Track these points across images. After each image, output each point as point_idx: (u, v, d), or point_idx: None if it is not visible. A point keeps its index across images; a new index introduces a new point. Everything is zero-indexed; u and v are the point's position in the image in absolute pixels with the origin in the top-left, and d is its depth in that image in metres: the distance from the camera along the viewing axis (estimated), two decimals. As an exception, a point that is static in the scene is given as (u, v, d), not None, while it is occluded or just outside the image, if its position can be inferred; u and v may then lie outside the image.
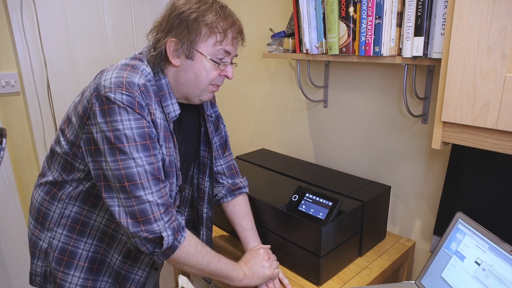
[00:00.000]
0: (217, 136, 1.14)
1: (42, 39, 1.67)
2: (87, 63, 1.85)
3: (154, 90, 0.87)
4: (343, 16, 1.13)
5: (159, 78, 0.89)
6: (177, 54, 0.87)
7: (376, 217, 1.22)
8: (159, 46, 0.86)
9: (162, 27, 0.87)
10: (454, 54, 0.80)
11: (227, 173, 1.16)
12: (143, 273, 0.97)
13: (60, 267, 0.92)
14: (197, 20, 0.84)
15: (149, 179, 0.80)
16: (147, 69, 0.88)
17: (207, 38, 0.86)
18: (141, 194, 0.79)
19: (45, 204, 0.93)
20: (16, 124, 1.68)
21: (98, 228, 0.92)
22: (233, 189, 1.15)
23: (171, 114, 0.90)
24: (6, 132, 0.73)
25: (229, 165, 1.17)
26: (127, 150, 0.78)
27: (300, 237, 1.07)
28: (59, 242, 0.92)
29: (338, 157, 1.52)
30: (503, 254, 0.83)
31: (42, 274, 0.97)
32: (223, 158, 1.16)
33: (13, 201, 1.71)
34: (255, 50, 1.76)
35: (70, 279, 0.93)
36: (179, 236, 0.84)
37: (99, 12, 1.84)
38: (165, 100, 0.89)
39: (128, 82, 0.80)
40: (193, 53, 0.86)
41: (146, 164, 0.80)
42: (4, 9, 1.57)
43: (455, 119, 0.83)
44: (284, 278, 1.08)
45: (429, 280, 0.97)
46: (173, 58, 0.87)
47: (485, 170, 1.02)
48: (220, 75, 0.92)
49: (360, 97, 1.39)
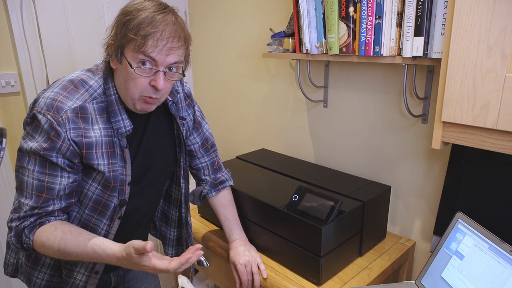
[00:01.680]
0: (198, 136, 1.14)
1: (42, 39, 1.67)
2: (87, 63, 1.85)
3: (101, 108, 0.88)
4: (343, 16, 1.13)
5: (109, 93, 0.88)
6: (112, 57, 0.85)
7: (376, 217, 1.22)
8: (106, 51, 0.87)
9: (111, 28, 0.86)
10: (454, 54, 0.80)
11: (210, 169, 1.18)
12: (82, 277, 0.97)
13: (28, 262, 0.99)
14: (127, 22, 0.81)
15: (32, 193, 0.85)
16: (95, 84, 0.88)
17: (129, 42, 0.81)
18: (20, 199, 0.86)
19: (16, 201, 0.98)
20: (16, 124, 1.68)
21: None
22: (215, 184, 1.18)
23: (121, 130, 0.89)
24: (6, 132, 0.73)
25: (213, 161, 1.19)
26: (25, 161, 0.84)
27: (300, 237, 1.07)
28: None
29: (338, 157, 1.52)
30: (503, 254, 0.83)
31: (14, 265, 1.03)
32: (206, 155, 1.17)
33: (13, 200, 1.71)
34: (255, 50, 1.76)
35: (37, 274, 0.99)
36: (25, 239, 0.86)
37: (99, 12, 1.84)
38: (114, 116, 0.88)
39: (58, 107, 0.82)
40: (121, 57, 0.83)
41: (35, 179, 0.84)
42: (4, 9, 1.57)
43: (455, 119, 0.83)
44: (261, 263, 1.13)
45: (429, 280, 0.97)
46: (111, 61, 0.86)
47: (485, 170, 1.02)
48: (150, 84, 0.84)
49: (360, 97, 1.39)
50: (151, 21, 0.80)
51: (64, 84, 0.86)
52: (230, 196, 1.21)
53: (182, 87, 1.08)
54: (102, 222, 0.94)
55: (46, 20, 1.68)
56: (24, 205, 0.85)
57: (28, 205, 0.85)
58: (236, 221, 1.19)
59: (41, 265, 0.98)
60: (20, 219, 0.86)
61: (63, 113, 0.82)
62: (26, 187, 0.85)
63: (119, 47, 0.83)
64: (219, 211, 1.19)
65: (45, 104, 0.83)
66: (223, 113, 2.05)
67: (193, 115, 1.11)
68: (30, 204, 0.85)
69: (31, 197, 0.85)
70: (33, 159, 0.84)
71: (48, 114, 0.82)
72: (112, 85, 0.89)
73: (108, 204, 0.93)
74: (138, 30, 0.79)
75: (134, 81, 0.84)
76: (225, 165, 1.49)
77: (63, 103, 0.83)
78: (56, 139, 0.82)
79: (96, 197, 0.92)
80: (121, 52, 0.83)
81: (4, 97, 1.63)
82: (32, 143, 0.83)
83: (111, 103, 0.88)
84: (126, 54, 0.82)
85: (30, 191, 0.85)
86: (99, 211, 0.93)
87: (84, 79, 0.88)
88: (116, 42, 0.83)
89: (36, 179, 0.85)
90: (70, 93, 0.85)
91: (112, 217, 0.95)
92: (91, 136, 0.86)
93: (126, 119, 0.90)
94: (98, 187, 0.91)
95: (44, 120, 0.82)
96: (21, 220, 0.86)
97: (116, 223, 0.96)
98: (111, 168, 0.89)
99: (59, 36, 1.73)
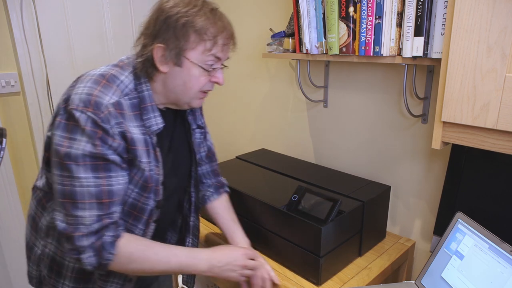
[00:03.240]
0: (205, 147, 1.13)
1: (42, 39, 1.67)
2: (87, 63, 1.85)
3: (134, 104, 0.83)
4: (343, 16, 1.13)
5: (141, 89, 0.85)
6: (165, 61, 0.82)
7: (376, 217, 1.22)
8: (146, 52, 0.82)
9: (148, 31, 0.83)
10: (454, 54, 0.80)
11: (211, 173, 1.17)
12: (117, 286, 0.95)
13: (52, 274, 0.94)
14: (186, 25, 0.79)
15: (90, 202, 0.78)
16: (126, 80, 0.84)
17: (196, 45, 0.81)
18: (77, 214, 0.78)
19: (38, 213, 0.94)
20: (16, 124, 1.68)
21: None
22: (218, 186, 1.17)
23: (153, 128, 0.86)
24: (6, 132, 0.73)
25: (214, 168, 1.18)
26: (73, 169, 0.77)
27: (300, 237, 1.07)
28: (50, 251, 0.92)
29: (338, 157, 1.52)
30: (503, 254, 0.83)
31: (37, 277, 0.97)
32: (209, 164, 1.17)
33: (13, 201, 1.71)
34: (255, 50, 1.76)
35: (61, 286, 0.94)
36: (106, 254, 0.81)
37: (99, 12, 1.84)
38: (146, 113, 0.85)
39: (97, 102, 0.77)
40: (182, 60, 0.82)
41: (93, 186, 0.78)
42: (4, 9, 1.57)
43: (455, 119, 0.83)
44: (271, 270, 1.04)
45: (429, 280, 0.97)
46: (161, 65, 0.83)
47: (485, 170, 1.02)
48: (210, 81, 0.88)
49: (360, 97, 1.39)
50: (214, 21, 0.81)
51: (96, 79, 0.81)
52: (228, 201, 1.19)
53: None
54: (137, 228, 0.91)
55: (46, 20, 1.68)
56: (85, 218, 0.78)
57: (92, 216, 0.78)
58: (238, 224, 1.14)
59: (63, 277, 0.93)
60: (92, 235, 0.79)
61: (104, 108, 0.77)
62: (81, 198, 0.77)
63: (180, 50, 0.81)
64: (221, 214, 1.14)
65: (80, 100, 0.77)
66: (223, 113, 2.05)
67: (203, 124, 1.11)
68: (95, 214, 0.78)
69: (92, 207, 0.78)
70: (82, 165, 0.77)
71: (87, 111, 0.76)
72: (144, 80, 0.85)
73: (143, 208, 0.89)
74: (206, 31, 0.80)
75: (198, 80, 0.85)
76: (225, 165, 1.49)
77: (101, 97, 0.78)
78: (106, 135, 0.77)
79: (132, 201, 0.87)
80: (182, 55, 0.81)
81: (4, 97, 1.63)
82: (80, 146, 0.76)
83: (143, 99, 0.85)
84: (189, 56, 0.82)
85: (88, 201, 0.78)
86: (134, 216, 0.89)
87: (115, 74, 0.83)
88: (174, 47, 0.80)
89: (93, 186, 0.78)
90: (105, 88, 0.79)
91: (147, 221, 0.92)
92: (132, 132, 0.82)
93: (158, 117, 0.87)
94: (135, 189, 0.86)
95: (84, 118, 0.76)
96: (94, 235, 0.79)
97: (151, 227, 0.93)
98: (149, 167, 0.86)
99: (59, 36, 1.73)
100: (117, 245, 0.82)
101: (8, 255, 1.75)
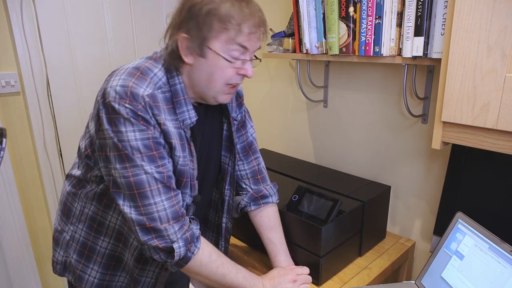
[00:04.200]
0: (239, 139, 1.06)
1: (42, 39, 1.67)
2: (87, 63, 1.85)
3: (166, 97, 0.82)
4: (343, 16, 1.13)
5: (174, 82, 0.83)
6: (189, 52, 0.79)
7: (376, 217, 1.22)
8: (172, 43, 0.80)
9: (174, 22, 0.80)
10: (454, 54, 0.80)
11: (250, 178, 1.09)
12: (153, 274, 0.95)
13: (81, 259, 0.94)
14: (209, 13, 0.75)
15: (158, 187, 0.78)
16: (160, 73, 0.82)
17: (219, 34, 0.77)
18: (150, 202, 0.78)
19: (70, 199, 0.95)
20: (16, 124, 1.68)
21: (113, 228, 0.92)
22: (256, 197, 1.07)
23: (187, 122, 0.84)
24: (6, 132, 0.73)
25: (254, 170, 1.09)
26: (135, 158, 0.77)
27: (300, 237, 1.07)
28: (80, 237, 0.94)
29: (338, 157, 1.52)
30: (503, 254, 0.83)
31: (63, 263, 0.98)
32: (246, 162, 1.08)
33: (13, 201, 1.71)
34: (255, 50, 1.76)
35: (89, 271, 0.94)
36: (193, 247, 0.82)
37: (99, 12, 1.84)
38: (179, 107, 0.83)
39: (133, 93, 0.76)
40: (205, 51, 0.78)
41: (155, 173, 0.78)
42: (4, 9, 1.57)
43: (455, 119, 0.83)
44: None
45: (429, 280, 0.97)
46: (186, 56, 0.80)
47: (485, 170, 1.02)
48: (238, 74, 0.83)
49: (360, 97, 1.39)
50: (240, 8, 0.76)
51: (130, 71, 0.79)
52: (275, 216, 1.08)
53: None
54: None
55: (46, 20, 1.68)
56: (159, 204, 0.78)
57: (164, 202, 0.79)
58: (283, 246, 1.06)
59: (93, 262, 0.94)
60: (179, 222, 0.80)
61: (141, 99, 0.76)
62: (149, 185, 0.77)
63: (203, 40, 0.77)
64: (263, 233, 1.07)
65: (116, 92, 0.76)
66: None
67: (241, 116, 1.05)
68: (165, 199, 0.79)
69: (161, 191, 0.79)
70: (137, 152, 0.76)
71: (125, 103, 0.75)
72: (176, 73, 0.83)
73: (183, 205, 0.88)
74: (229, 19, 0.75)
75: (223, 72, 0.80)
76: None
77: (136, 88, 0.76)
78: (147, 124, 0.77)
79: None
80: (206, 45, 0.77)
81: (4, 97, 1.63)
82: (130, 135, 0.76)
83: (176, 92, 0.82)
84: (213, 46, 0.77)
85: (156, 186, 0.78)
86: None
87: (149, 67, 0.81)
88: (197, 36, 0.77)
89: (156, 172, 0.78)
90: (139, 80, 0.78)
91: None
92: (167, 125, 0.80)
93: (191, 110, 0.84)
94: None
95: (124, 110, 0.75)
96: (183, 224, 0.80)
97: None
98: (184, 162, 0.84)
99: (59, 36, 1.73)
100: (201, 239, 0.83)
101: (8, 255, 1.75)
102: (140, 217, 0.78)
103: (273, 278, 0.98)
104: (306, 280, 1.03)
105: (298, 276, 1.01)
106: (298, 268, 1.04)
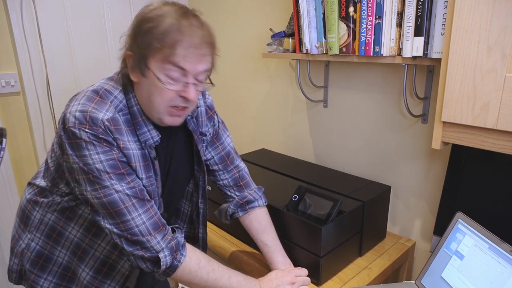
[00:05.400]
0: (214, 150, 1.06)
1: (42, 39, 1.67)
2: (87, 63, 1.85)
3: (128, 119, 0.81)
4: (343, 16, 1.13)
5: (131, 104, 0.82)
6: (134, 70, 0.78)
7: (376, 217, 1.22)
8: (122, 61, 0.80)
9: (126, 38, 0.79)
10: (454, 54, 0.80)
11: (233, 186, 1.09)
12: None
13: (34, 269, 0.93)
14: (148, 31, 0.73)
15: (133, 202, 0.78)
16: (120, 95, 0.81)
17: (155, 53, 0.74)
18: (128, 218, 0.78)
19: (29, 207, 0.93)
20: (16, 124, 1.68)
21: (72, 240, 0.91)
22: (242, 203, 1.07)
23: (149, 142, 0.83)
24: (6, 132, 0.73)
25: (235, 177, 1.09)
26: (103, 179, 0.77)
27: (300, 237, 1.07)
28: (37, 245, 0.92)
29: (338, 157, 1.52)
30: (503, 254, 0.83)
31: (18, 272, 0.97)
32: (227, 172, 1.08)
33: (13, 201, 1.71)
34: (255, 50, 1.76)
35: (42, 282, 0.93)
36: (178, 255, 0.82)
37: (99, 12, 1.84)
38: (139, 128, 0.82)
39: (92, 118, 0.75)
40: (145, 70, 0.76)
41: (127, 189, 0.78)
42: (4, 9, 1.57)
43: (455, 119, 0.83)
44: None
45: (429, 280, 0.97)
46: (132, 74, 0.79)
47: (485, 170, 1.02)
48: (180, 96, 0.78)
49: (360, 97, 1.39)
50: (178, 27, 0.73)
51: (89, 96, 0.78)
52: (265, 218, 1.08)
53: (204, 100, 1.01)
54: None
55: (46, 20, 1.68)
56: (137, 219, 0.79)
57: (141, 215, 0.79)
58: (277, 246, 1.06)
59: (48, 272, 0.93)
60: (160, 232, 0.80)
61: (100, 123, 0.76)
62: (123, 203, 0.78)
63: (142, 59, 0.75)
64: (255, 237, 1.07)
65: (76, 118, 0.75)
66: (223, 113, 2.05)
67: (212, 128, 1.04)
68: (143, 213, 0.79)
69: (137, 206, 0.79)
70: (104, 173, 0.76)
71: (85, 128, 0.75)
72: (132, 95, 0.82)
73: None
74: (164, 38, 0.72)
75: (161, 94, 0.77)
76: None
77: (95, 113, 0.76)
78: (110, 145, 0.77)
79: None
80: (144, 64, 0.75)
81: (4, 97, 1.63)
82: (95, 157, 0.76)
83: (134, 114, 0.82)
84: (150, 65, 0.75)
85: (130, 203, 0.78)
86: None
87: (108, 89, 0.81)
88: (138, 53, 0.75)
89: (127, 189, 0.78)
90: (98, 105, 0.77)
91: None
92: (128, 148, 0.80)
93: (153, 130, 0.84)
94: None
95: (85, 135, 0.75)
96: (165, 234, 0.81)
97: None
98: (149, 182, 0.85)
99: (59, 36, 1.73)
100: (187, 247, 0.84)
101: (8, 255, 1.75)
102: (121, 232, 0.79)
103: (271, 280, 0.98)
104: (305, 281, 1.03)
105: (297, 278, 1.01)
106: (296, 270, 1.04)
